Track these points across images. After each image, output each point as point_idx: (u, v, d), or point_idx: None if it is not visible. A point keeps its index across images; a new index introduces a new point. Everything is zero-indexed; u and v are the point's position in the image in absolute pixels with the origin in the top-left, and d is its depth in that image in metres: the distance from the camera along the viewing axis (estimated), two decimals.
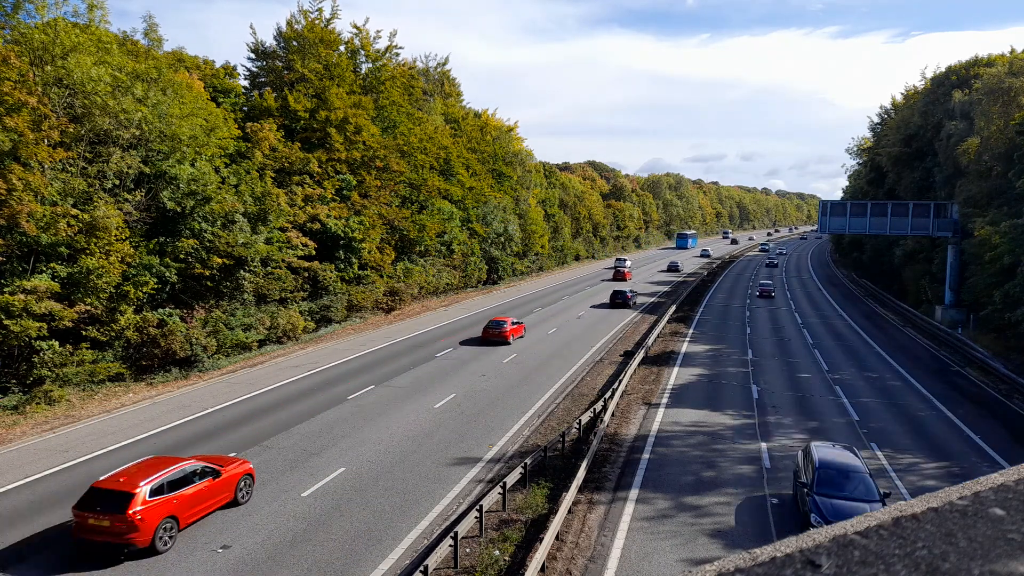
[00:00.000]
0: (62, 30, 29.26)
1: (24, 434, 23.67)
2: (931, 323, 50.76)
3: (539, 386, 31.28)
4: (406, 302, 50.51)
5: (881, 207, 58.16)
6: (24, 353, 26.65)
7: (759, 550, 0.96)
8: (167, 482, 16.12)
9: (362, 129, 47.61)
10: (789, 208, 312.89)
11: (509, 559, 16.01)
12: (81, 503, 15.52)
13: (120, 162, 30.53)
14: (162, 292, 32.39)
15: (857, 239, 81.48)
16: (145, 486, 15.65)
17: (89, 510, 15.25)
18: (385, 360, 35.57)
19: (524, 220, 75.16)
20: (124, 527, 15.07)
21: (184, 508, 16.42)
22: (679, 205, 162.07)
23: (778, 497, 19.74)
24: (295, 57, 48.26)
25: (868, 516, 1.00)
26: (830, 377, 35.31)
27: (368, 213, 46.42)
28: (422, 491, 19.60)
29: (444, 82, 73.89)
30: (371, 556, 16.03)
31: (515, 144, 79.24)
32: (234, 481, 18.13)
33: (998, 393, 33.18)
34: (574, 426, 24.59)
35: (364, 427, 24.95)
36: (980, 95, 51.31)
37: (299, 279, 40.59)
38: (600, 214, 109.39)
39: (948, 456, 24.35)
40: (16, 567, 15.18)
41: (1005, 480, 1.08)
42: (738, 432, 25.91)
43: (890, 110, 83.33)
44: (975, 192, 49.38)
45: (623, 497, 19.63)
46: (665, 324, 47.56)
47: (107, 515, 15.08)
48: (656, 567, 15.81)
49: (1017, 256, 38.29)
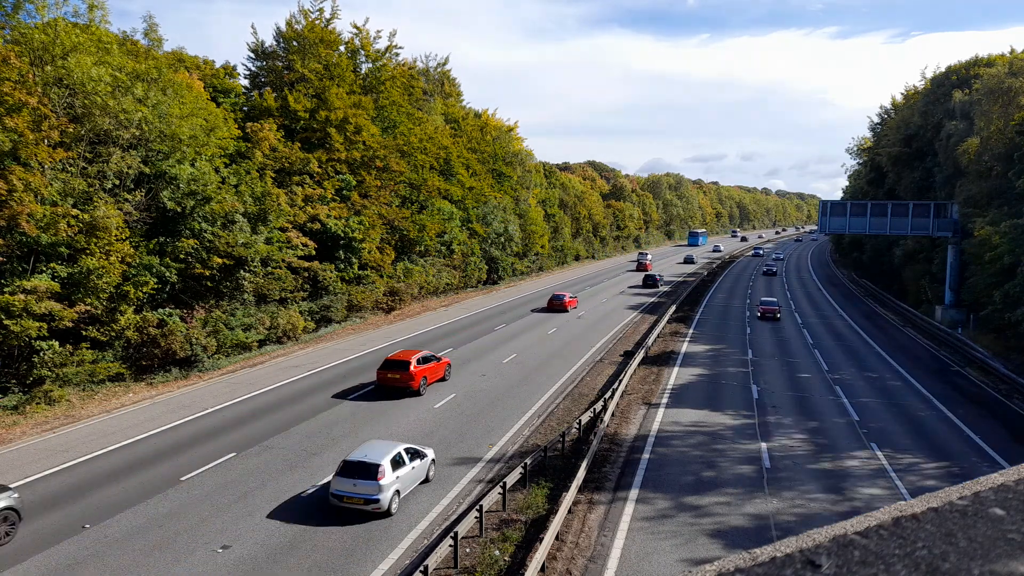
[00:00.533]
0: (62, 30, 29.26)
1: (24, 434, 23.67)
2: (931, 323, 50.77)
3: (539, 386, 31.28)
4: (406, 302, 50.51)
5: (881, 207, 58.16)
6: (24, 353, 26.65)
7: (759, 550, 0.96)
8: (421, 358, 29.10)
9: (362, 129, 47.61)
10: (789, 208, 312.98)
11: (509, 559, 16.01)
12: (382, 367, 28.91)
13: (120, 162, 30.53)
14: (162, 292, 32.39)
15: (857, 239, 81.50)
16: (414, 358, 28.83)
17: (387, 370, 28.53)
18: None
19: (524, 220, 75.17)
20: (406, 378, 28.15)
21: (429, 374, 29.45)
22: (679, 205, 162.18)
23: None
24: (295, 57, 48.27)
25: (868, 516, 1.00)
26: (830, 377, 35.32)
27: (368, 213, 46.42)
28: (422, 491, 19.60)
29: (444, 82, 73.89)
30: (371, 556, 16.03)
31: (515, 144, 79.26)
32: (444, 366, 31.19)
33: (998, 393, 33.19)
34: (574, 426, 24.59)
35: (364, 427, 24.94)
36: (980, 95, 51.31)
37: (299, 279, 40.58)
38: (600, 214, 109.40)
39: (948, 456, 24.35)
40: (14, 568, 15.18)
41: (1005, 480, 1.08)
42: (738, 432, 25.91)
43: (890, 110, 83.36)
44: (975, 192, 49.39)
45: (623, 497, 19.63)
46: (665, 324, 47.56)
47: (397, 372, 28.29)
48: (656, 567, 15.81)
49: (1017, 256, 38.29)
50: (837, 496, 20.23)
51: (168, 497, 18.82)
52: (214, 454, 21.95)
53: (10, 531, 16.06)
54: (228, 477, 20.27)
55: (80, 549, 15.92)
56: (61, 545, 16.07)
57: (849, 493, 20.53)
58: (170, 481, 19.85)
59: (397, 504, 17.97)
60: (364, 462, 17.65)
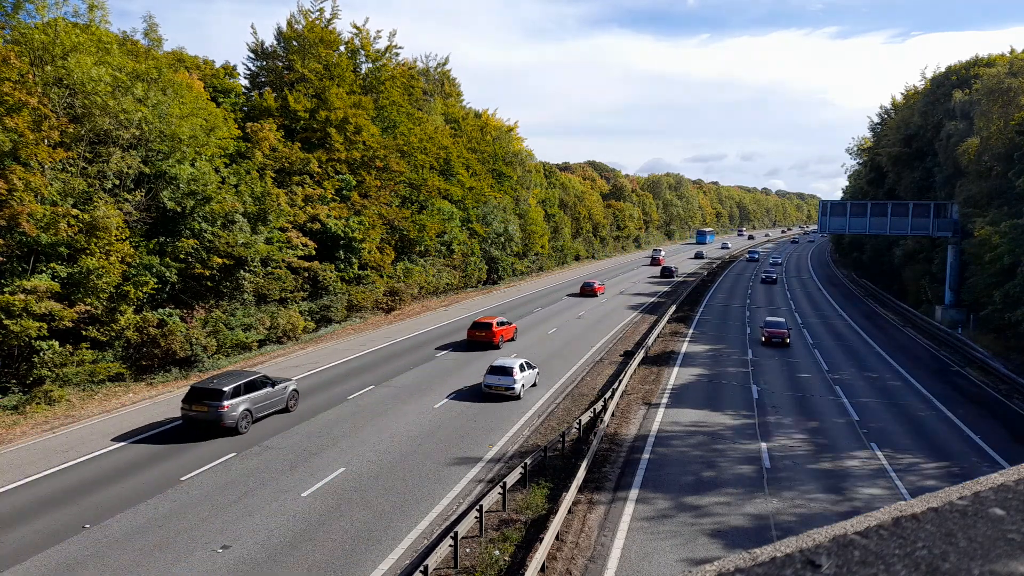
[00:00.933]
0: (62, 30, 29.26)
1: (24, 434, 23.67)
2: (931, 323, 50.76)
3: (539, 386, 31.28)
4: (406, 302, 50.50)
5: (881, 207, 58.15)
6: (24, 353, 26.66)
7: (759, 550, 0.96)
8: (498, 322, 39.35)
9: (362, 129, 47.60)
10: (789, 208, 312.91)
11: (509, 559, 16.01)
12: (471, 327, 39.04)
13: (120, 162, 30.52)
14: (162, 292, 32.39)
15: (857, 239, 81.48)
16: (494, 321, 39.18)
17: (475, 330, 38.60)
18: (385, 360, 35.57)
19: (524, 220, 75.13)
20: (490, 335, 38.18)
21: (505, 333, 39.44)
22: (679, 205, 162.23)
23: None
24: (295, 57, 48.27)
25: (868, 516, 1.00)
26: (830, 377, 35.32)
27: (368, 213, 46.42)
28: (422, 491, 19.60)
29: (444, 82, 73.86)
30: (371, 556, 16.03)
31: (515, 144, 79.22)
32: (514, 329, 40.98)
33: (998, 393, 33.19)
34: (574, 426, 24.59)
35: (364, 427, 24.95)
36: (980, 95, 51.28)
37: (299, 279, 40.58)
38: (600, 214, 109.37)
39: (948, 456, 24.35)
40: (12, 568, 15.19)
41: (1005, 480, 1.08)
42: (738, 432, 25.91)
43: (890, 110, 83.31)
44: (975, 192, 49.38)
45: (623, 497, 19.63)
46: (665, 324, 47.55)
47: (483, 331, 38.41)
48: (656, 567, 15.81)
49: (1017, 256, 38.29)
50: (837, 496, 20.23)
51: (168, 497, 18.82)
52: (214, 454, 21.94)
53: (296, 403, 26.50)
54: (228, 477, 20.27)
55: (80, 549, 15.93)
56: (61, 545, 16.07)
57: (849, 493, 20.53)
58: (170, 481, 19.85)
59: (523, 392, 29.25)
60: (504, 366, 29.21)
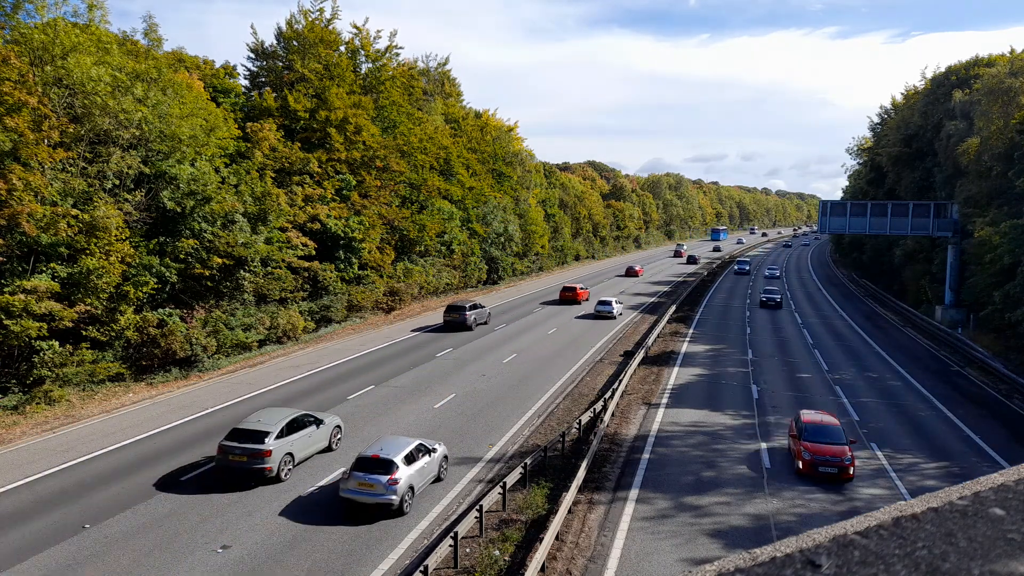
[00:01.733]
0: (62, 30, 29.25)
1: (24, 434, 23.66)
2: (931, 323, 50.76)
3: (539, 386, 31.28)
4: (406, 302, 50.50)
5: (881, 207, 58.16)
6: (24, 353, 26.65)
7: (759, 550, 0.96)
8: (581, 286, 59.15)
9: (362, 129, 47.60)
10: (789, 208, 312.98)
11: (509, 559, 16.01)
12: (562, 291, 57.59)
13: (120, 162, 30.52)
14: (162, 292, 32.39)
15: (857, 239, 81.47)
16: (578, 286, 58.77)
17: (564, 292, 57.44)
18: (385, 360, 35.57)
19: (524, 220, 75.13)
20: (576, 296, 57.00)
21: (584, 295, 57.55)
22: (679, 205, 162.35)
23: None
24: (295, 57, 48.26)
25: (868, 516, 1.00)
26: (830, 377, 35.31)
27: (368, 213, 46.42)
28: (422, 491, 19.59)
29: (444, 82, 73.84)
30: (371, 556, 16.03)
31: (515, 144, 79.22)
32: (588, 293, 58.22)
33: (998, 393, 33.19)
34: (574, 426, 24.59)
35: (364, 427, 24.95)
36: (980, 95, 51.27)
37: (299, 279, 40.58)
38: (600, 214, 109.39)
39: (948, 456, 24.35)
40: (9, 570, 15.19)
41: (1005, 480, 1.08)
42: (738, 432, 25.91)
43: (890, 110, 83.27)
44: (975, 192, 49.38)
45: (623, 497, 19.63)
46: (665, 324, 47.56)
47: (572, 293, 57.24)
48: (656, 567, 15.81)
49: (1017, 256, 38.28)
50: (837, 496, 20.23)
51: (168, 497, 18.82)
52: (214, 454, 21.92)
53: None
54: (228, 476, 20.25)
55: (80, 549, 15.93)
56: (61, 545, 16.07)
57: (849, 493, 20.53)
58: (170, 481, 19.86)
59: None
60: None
